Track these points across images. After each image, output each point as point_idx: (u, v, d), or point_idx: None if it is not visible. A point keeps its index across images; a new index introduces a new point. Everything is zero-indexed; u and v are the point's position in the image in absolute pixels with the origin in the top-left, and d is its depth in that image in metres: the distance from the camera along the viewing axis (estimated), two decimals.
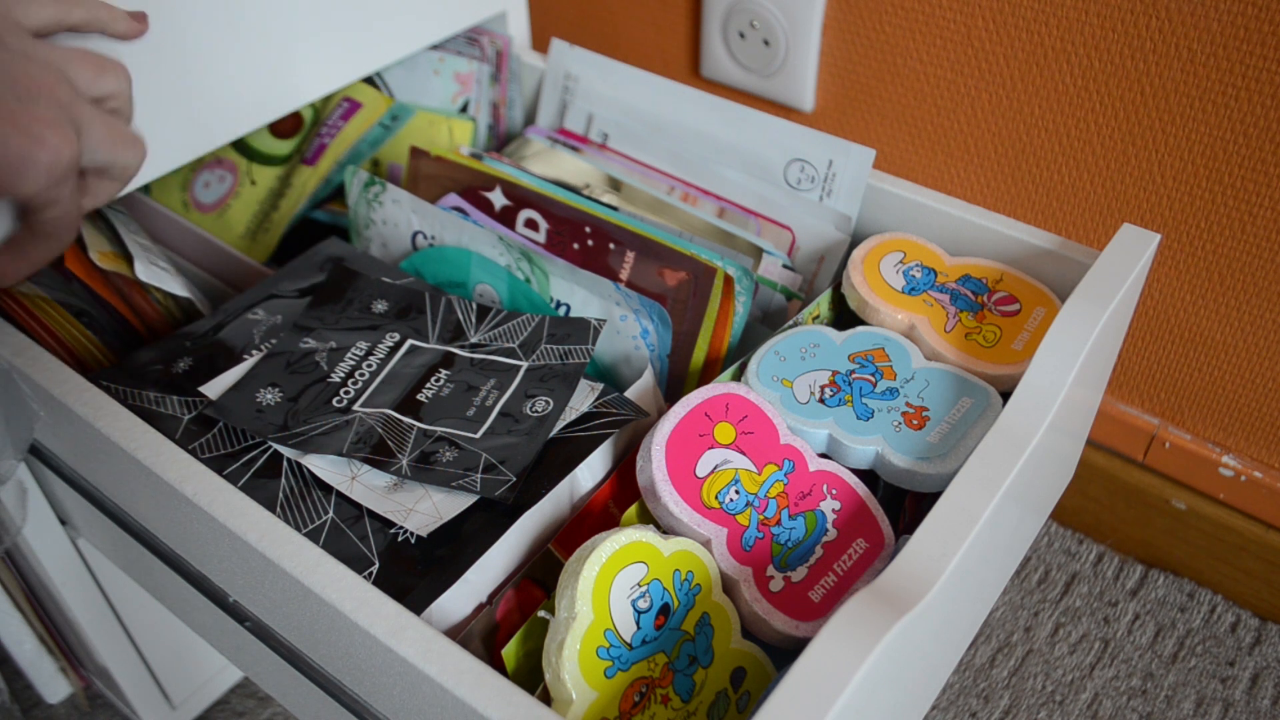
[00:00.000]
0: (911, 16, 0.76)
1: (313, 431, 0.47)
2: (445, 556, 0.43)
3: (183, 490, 0.44)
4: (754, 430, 0.47)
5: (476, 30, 0.73)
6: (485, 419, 0.48)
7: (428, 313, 0.54)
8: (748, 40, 0.84)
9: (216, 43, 0.56)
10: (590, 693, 0.38)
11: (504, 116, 0.74)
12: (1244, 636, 0.83)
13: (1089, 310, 0.47)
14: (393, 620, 0.38)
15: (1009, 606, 0.85)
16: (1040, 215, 0.79)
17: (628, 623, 0.40)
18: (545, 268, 0.55)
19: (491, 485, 0.44)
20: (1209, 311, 0.75)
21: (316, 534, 0.44)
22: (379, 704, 0.43)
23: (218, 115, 0.58)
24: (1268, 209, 0.69)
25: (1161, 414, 0.83)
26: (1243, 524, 0.81)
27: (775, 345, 0.52)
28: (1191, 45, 0.66)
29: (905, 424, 0.48)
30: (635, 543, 0.41)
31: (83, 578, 0.65)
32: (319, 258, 0.59)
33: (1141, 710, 0.78)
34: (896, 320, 0.53)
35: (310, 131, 0.70)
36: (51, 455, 0.55)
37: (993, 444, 0.43)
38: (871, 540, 0.46)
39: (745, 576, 0.43)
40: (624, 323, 0.54)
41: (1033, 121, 0.75)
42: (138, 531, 0.53)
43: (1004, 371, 0.51)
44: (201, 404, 0.50)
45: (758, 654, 0.44)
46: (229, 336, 0.54)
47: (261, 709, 0.79)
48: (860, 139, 0.85)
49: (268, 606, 0.46)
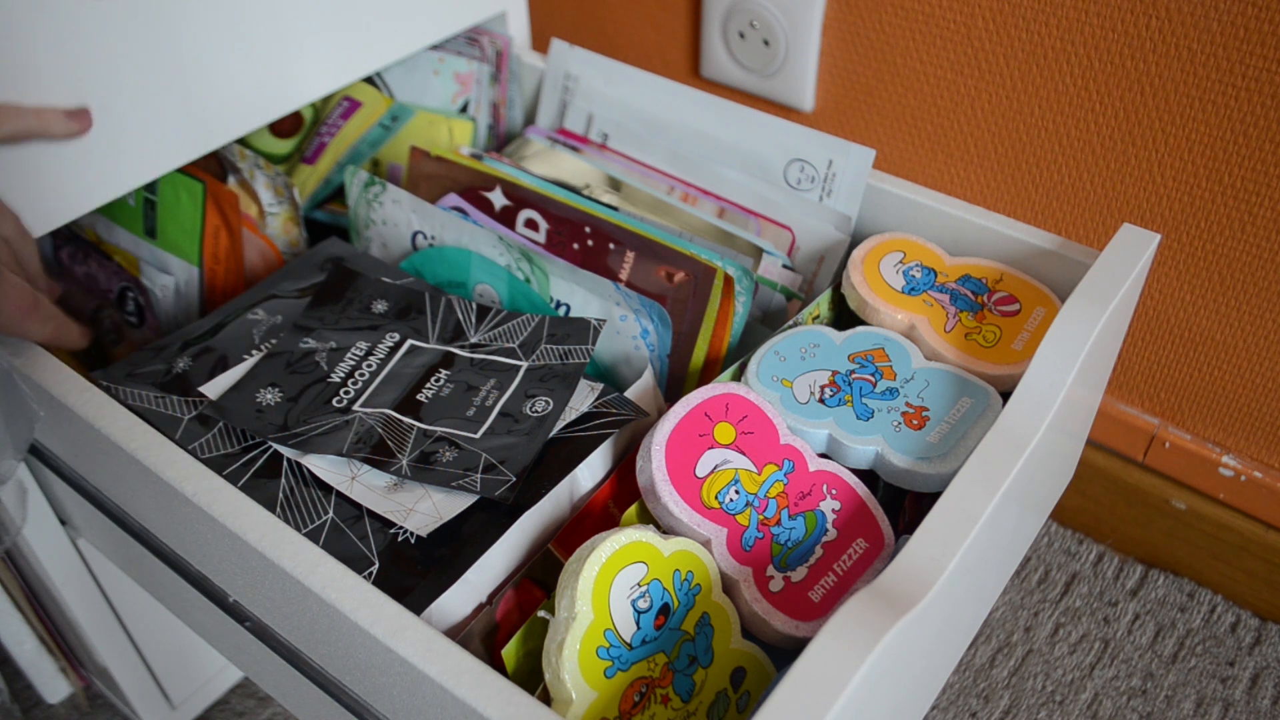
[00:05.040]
0: (911, 16, 0.76)
1: (313, 431, 0.47)
2: (445, 556, 0.43)
3: (183, 490, 0.44)
4: (754, 430, 0.47)
5: (476, 30, 0.73)
6: (485, 419, 0.48)
7: (428, 313, 0.54)
8: (748, 40, 0.84)
9: (216, 43, 0.56)
10: (590, 693, 0.38)
11: (504, 116, 0.74)
12: (1244, 636, 0.83)
13: (1089, 310, 0.47)
14: (393, 620, 0.38)
15: (1009, 606, 0.85)
16: (1040, 215, 0.79)
17: (628, 623, 0.40)
18: (545, 268, 0.55)
19: (491, 485, 0.44)
20: (1209, 311, 0.75)
21: (316, 534, 0.44)
22: (379, 704, 0.43)
23: (218, 115, 0.58)
24: (1268, 209, 0.69)
25: (1161, 414, 0.83)
26: (1243, 524, 0.81)
27: (775, 345, 0.52)
28: (1191, 45, 0.66)
29: (905, 424, 0.48)
30: (635, 543, 0.41)
31: (83, 578, 0.65)
32: (319, 258, 0.59)
33: (1141, 710, 0.78)
34: (896, 320, 0.53)
35: (310, 131, 0.70)
36: (51, 455, 0.55)
37: (993, 444, 0.43)
38: (871, 540, 0.46)
39: (745, 576, 0.43)
40: (624, 323, 0.54)
41: (1033, 121, 0.75)
42: (138, 531, 0.53)
43: (1004, 371, 0.51)
44: (201, 404, 0.50)
45: (758, 654, 0.44)
46: (229, 336, 0.54)
47: (261, 709, 0.79)
48: (860, 139, 0.85)
49: (268, 606, 0.46)
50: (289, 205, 0.61)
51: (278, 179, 0.60)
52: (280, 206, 0.60)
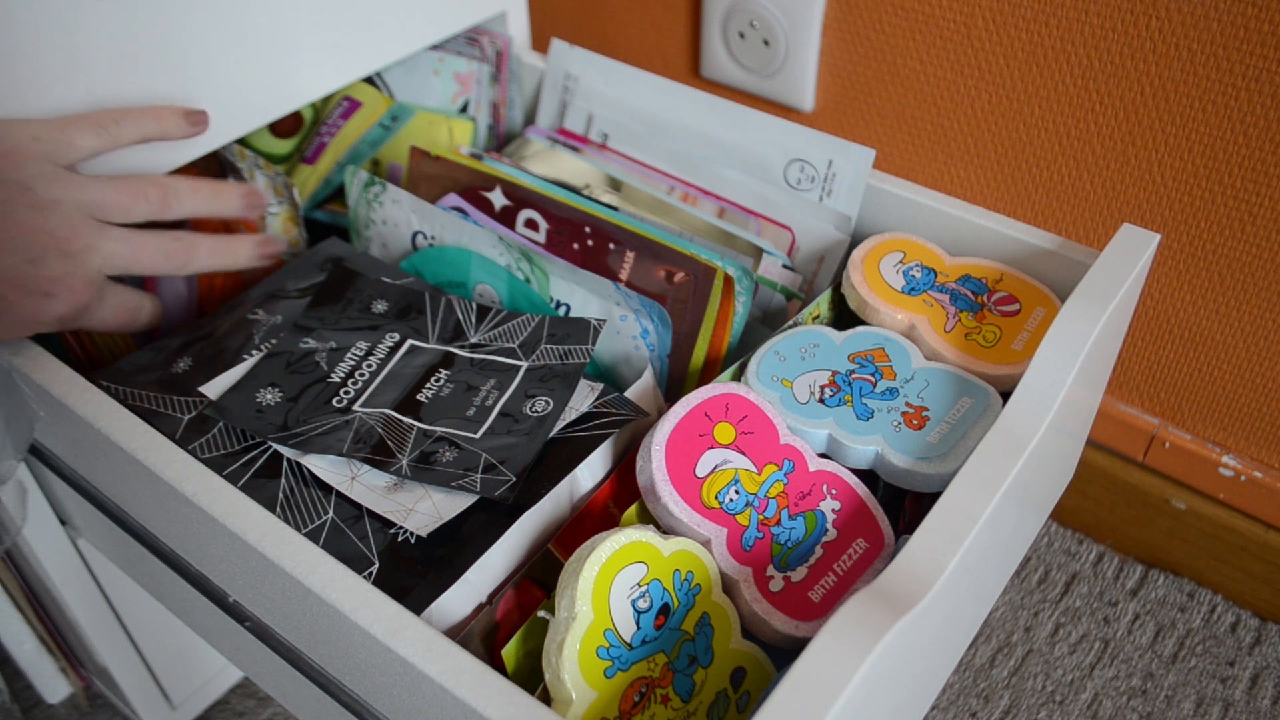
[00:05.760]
0: (911, 16, 0.76)
1: (313, 431, 0.47)
2: (445, 556, 0.43)
3: (183, 490, 0.44)
4: (754, 430, 0.47)
5: (476, 30, 0.73)
6: (485, 419, 0.48)
7: (428, 313, 0.54)
8: (748, 40, 0.84)
9: (217, 43, 0.56)
10: (590, 693, 0.38)
11: (504, 116, 0.74)
12: (1244, 636, 0.83)
13: (1089, 310, 0.47)
14: (393, 620, 0.38)
15: (1009, 606, 0.85)
16: (1040, 215, 0.79)
17: (628, 623, 0.40)
18: (545, 268, 0.55)
19: (491, 485, 0.44)
20: (1209, 311, 0.75)
21: (316, 534, 0.44)
22: (379, 704, 0.43)
23: (218, 115, 0.58)
24: (1268, 209, 0.69)
25: (1161, 414, 0.83)
26: (1243, 524, 0.81)
27: (775, 345, 0.52)
28: (1191, 45, 0.66)
29: (905, 424, 0.48)
30: (635, 543, 0.41)
31: (83, 578, 0.65)
32: (319, 258, 0.59)
33: (1141, 710, 0.78)
34: (896, 320, 0.53)
35: (310, 131, 0.70)
36: (51, 455, 0.55)
37: (993, 444, 0.43)
38: (871, 540, 0.46)
39: (745, 576, 0.43)
40: (624, 323, 0.54)
41: (1033, 121, 0.75)
42: (138, 531, 0.53)
43: (1004, 371, 0.51)
44: (201, 404, 0.50)
45: (758, 654, 0.44)
46: (229, 336, 0.54)
47: (261, 709, 0.79)
48: (860, 139, 0.85)
49: (268, 606, 0.46)
50: (289, 205, 0.61)
51: (278, 179, 0.60)
52: (280, 206, 0.60)
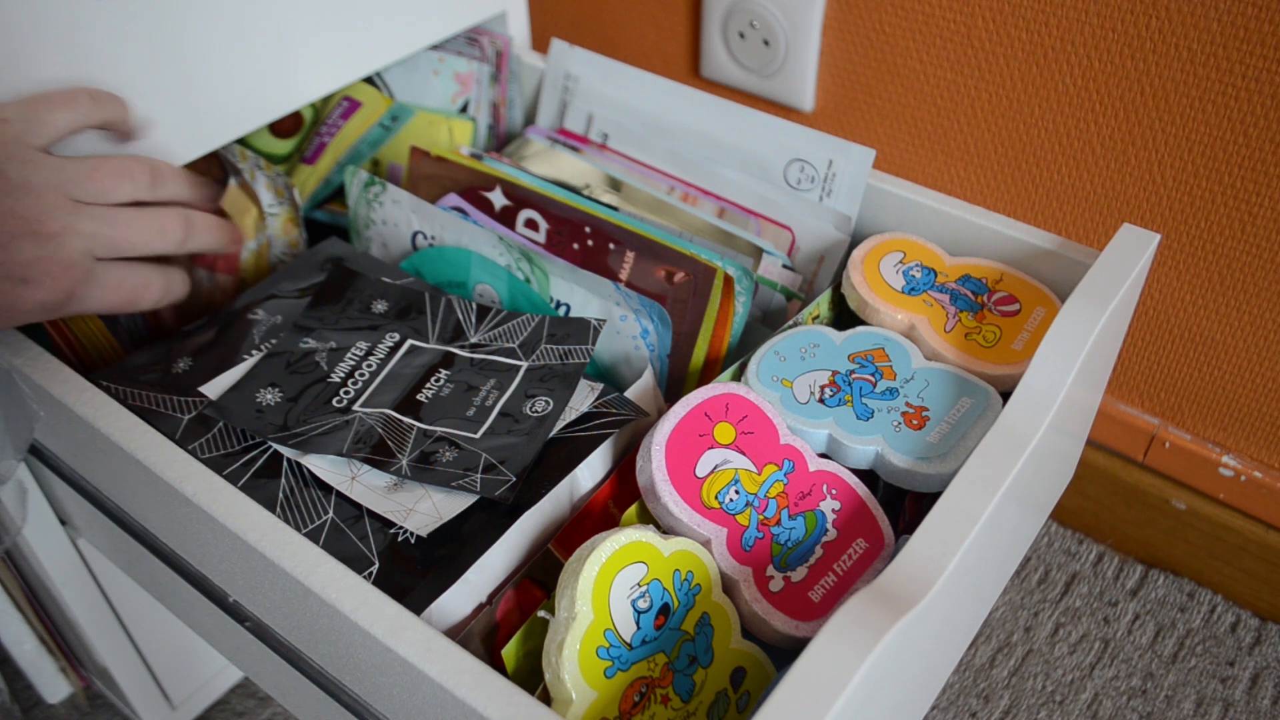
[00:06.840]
0: (911, 16, 0.76)
1: (313, 431, 0.47)
2: (445, 556, 0.43)
3: (183, 490, 0.44)
4: (754, 430, 0.47)
5: (476, 30, 0.73)
6: (485, 419, 0.48)
7: (428, 313, 0.54)
8: (748, 40, 0.84)
9: (217, 43, 0.56)
10: (590, 693, 0.38)
11: (504, 116, 0.74)
12: (1244, 636, 0.83)
13: (1089, 310, 0.47)
14: (393, 620, 0.38)
15: (1009, 606, 0.85)
16: (1040, 215, 0.79)
17: (628, 623, 0.40)
18: (545, 268, 0.55)
19: (491, 485, 0.44)
20: (1209, 311, 0.75)
21: (316, 534, 0.44)
22: (379, 704, 0.43)
23: (218, 115, 0.58)
24: (1268, 209, 0.69)
25: (1161, 414, 0.83)
26: (1243, 524, 0.81)
27: (775, 345, 0.52)
28: (1191, 45, 0.66)
29: (905, 424, 0.48)
30: (635, 543, 0.41)
31: (83, 578, 0.65)
32: (319, 258, 0.59)
33: (1141, 710, 0.78)
34: (896, 320, 0.53)
35: (310, 131, 0.70)
36: (51, 455, 0.55)
37: (993, 444, 0.43)
38: (871, 540, 0.46)
39: (745, 576, 0.43)
40: (624, 323, 0.54)
41: (1033, 121, 0.75)
42: (138, 531, 0.53)
43: (1004, 371, 0.51)
44: (201, 404, 0.50)
45: (758, 654, 0.44)
46: (229, 336, 0.54)
47: (261, 709, 0.79)
48: (860, 139, 0.85)
49: (268, 606, 0.46)
50: (289, 206, 0.61)
51: (278, 179, 0.60)
52: (280, 207, 0.60)
